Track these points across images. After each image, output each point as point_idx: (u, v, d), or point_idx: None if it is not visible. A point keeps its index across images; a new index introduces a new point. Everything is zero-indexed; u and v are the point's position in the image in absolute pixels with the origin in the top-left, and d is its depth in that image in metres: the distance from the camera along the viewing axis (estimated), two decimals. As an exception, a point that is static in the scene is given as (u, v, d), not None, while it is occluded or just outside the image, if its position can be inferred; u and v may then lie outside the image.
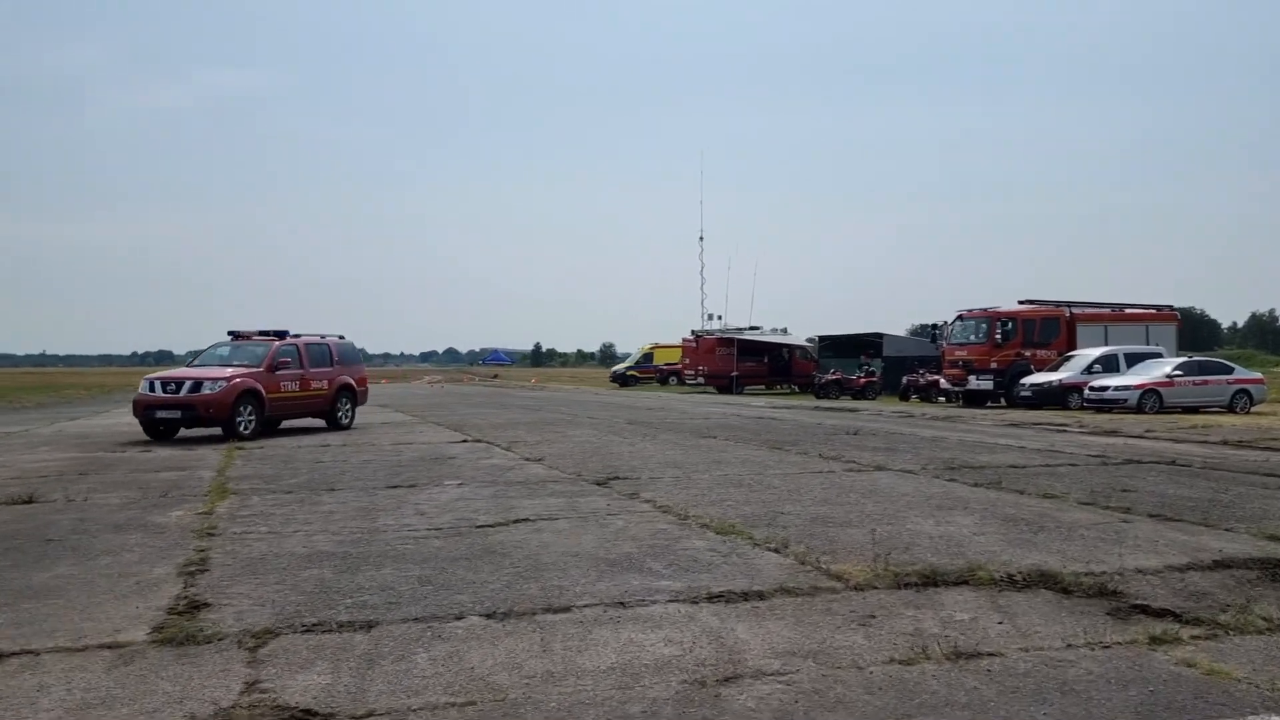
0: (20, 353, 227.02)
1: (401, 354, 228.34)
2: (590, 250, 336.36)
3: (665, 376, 58.25)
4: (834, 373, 40.97)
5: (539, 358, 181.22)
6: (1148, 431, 19.11)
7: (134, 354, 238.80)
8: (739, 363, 49.43)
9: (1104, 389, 26.69)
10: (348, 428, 20.47)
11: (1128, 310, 33.94)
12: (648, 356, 62.42)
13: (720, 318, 52.49)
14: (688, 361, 51.38)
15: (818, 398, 39.30)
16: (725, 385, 48.71)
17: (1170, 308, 34.92)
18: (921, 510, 9.09)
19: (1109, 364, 29.15)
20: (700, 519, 8.55)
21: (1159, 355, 29.67)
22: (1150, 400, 26.12)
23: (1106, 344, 31.44)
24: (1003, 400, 32.00)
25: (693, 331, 51.88)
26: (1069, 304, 32.86)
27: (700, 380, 49.95)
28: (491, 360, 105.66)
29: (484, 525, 8.20)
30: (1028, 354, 31.46)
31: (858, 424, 22.04)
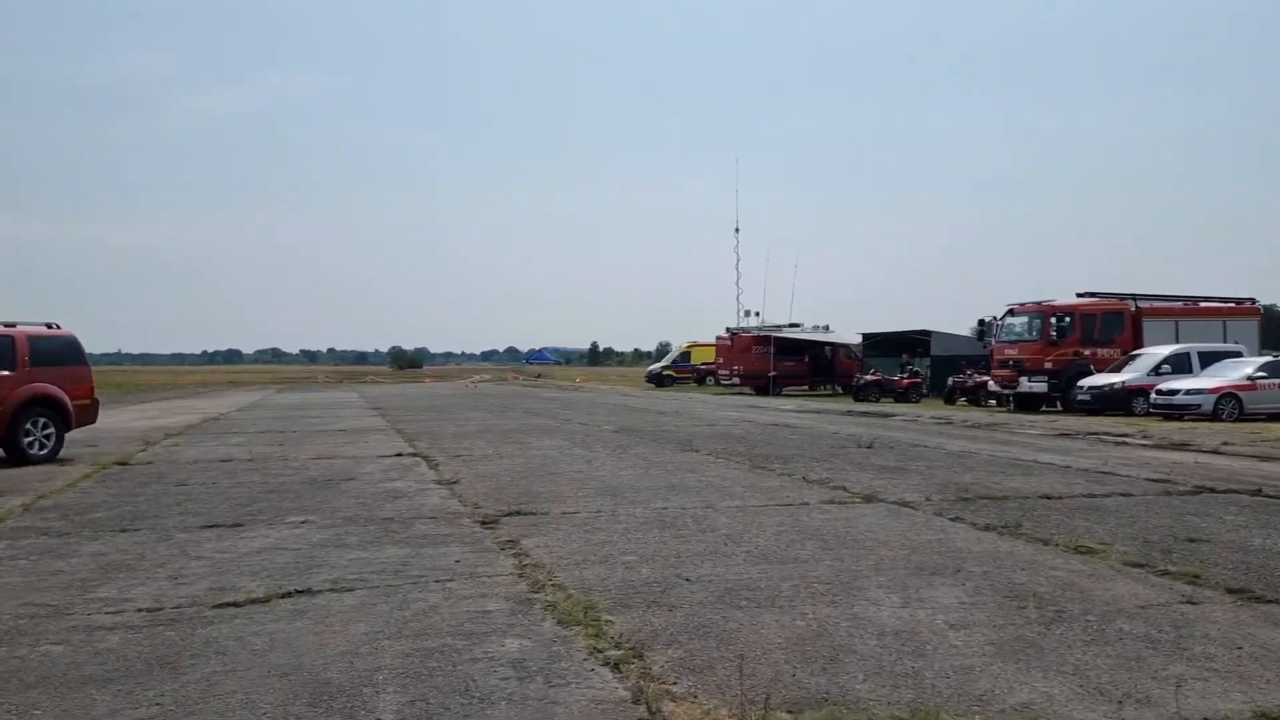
0: (96, 351, 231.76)
1: (463, 353, 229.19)
2: (648, 249, 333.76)
3: (702, 377, 55.44)
4: (874, 373, 37.87)
5: (596, 357, 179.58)
6: (1225, 445, 15.95)
7: (204, 352, 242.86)
8: (777, 362, 46.43)
9: (1173, 393, 23.36)
10: (44, 460, 13.98)
11: (1202, 304, 30.35)
12: (684, 356, 59.70)
13: (758, 314, 49.62)
14: (722, 361, 48.55)
15: (856, 400, 36.25)
16: (762, 386, 45.80)
17: (1252, 301, 31.26)
18: (892, 574, 6.35)
19: (1180, 364, 25.75)
20: (560, 590, 5.93)
21: (1239, 354, 26.13)
22: (1228, 406, 22.73)
23: (1177, 341, 28.00)
24: (1058, 404, 28.73)
25: (727, 329, 49.01)
26: (1134, 296, 29.41)
27: (735, 381, 47.10)
28: (536, 360, 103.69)
29: (229, 603, 5.66)
30: (1087, 353, 28.13)
31: (882, 432, 19.15)
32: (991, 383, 30.16)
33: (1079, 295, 29.30)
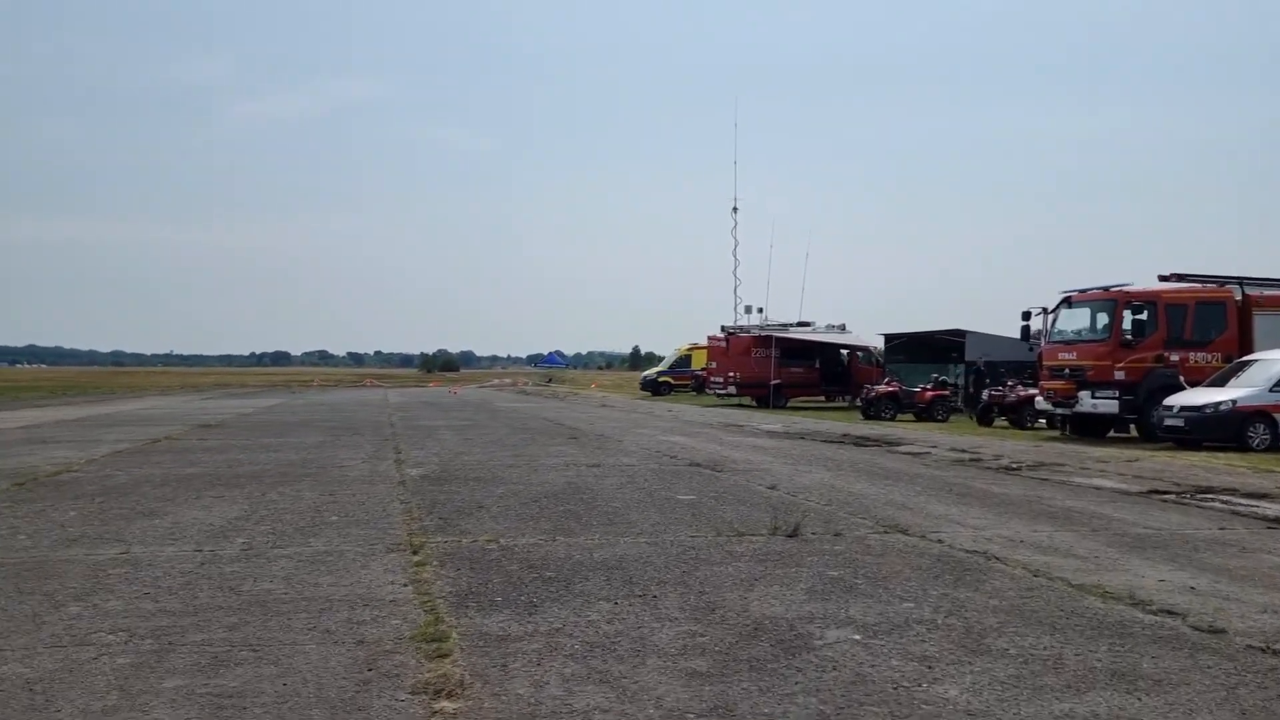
0: (148, 351, 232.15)
1: (509, 356, 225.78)
2: (693, 252, 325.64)
3: (702, 383, 47.75)
4: (889, 383, 29.97)
5: (636, 361, 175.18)
6: None
7: (252, 354, 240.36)
8: (782, 367, 38.54)
9: (1324, 420, 15.30)
10: None
11: (1336, 291, 22.13)
12: (684, 360, 52.03)
13: (760, 310, 41.73)
14: (715, 366, 40.78)
15: (865, 417, 28.45)
16: (764, 396, 38.04)
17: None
18: None
19: (1317, 375, 17.71)
20: None
21: (1403, 361, 18.06)
22: None
23: (1302, 343, 19.95)
24: (1133, 428, 20.78)
25: (723, 328, 41.23)
26: (1240, 280, 21.31)
27: (731, 390, 39.28)
28: (547, 363, 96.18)
29: None
30: (1174, 358, 20.15)
31: (854, 485, 11.56)
32: (1040, 398, 22.24)
33: (1162, 279, 21.26)
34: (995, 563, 7.07)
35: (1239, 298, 20.92)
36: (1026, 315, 22.70)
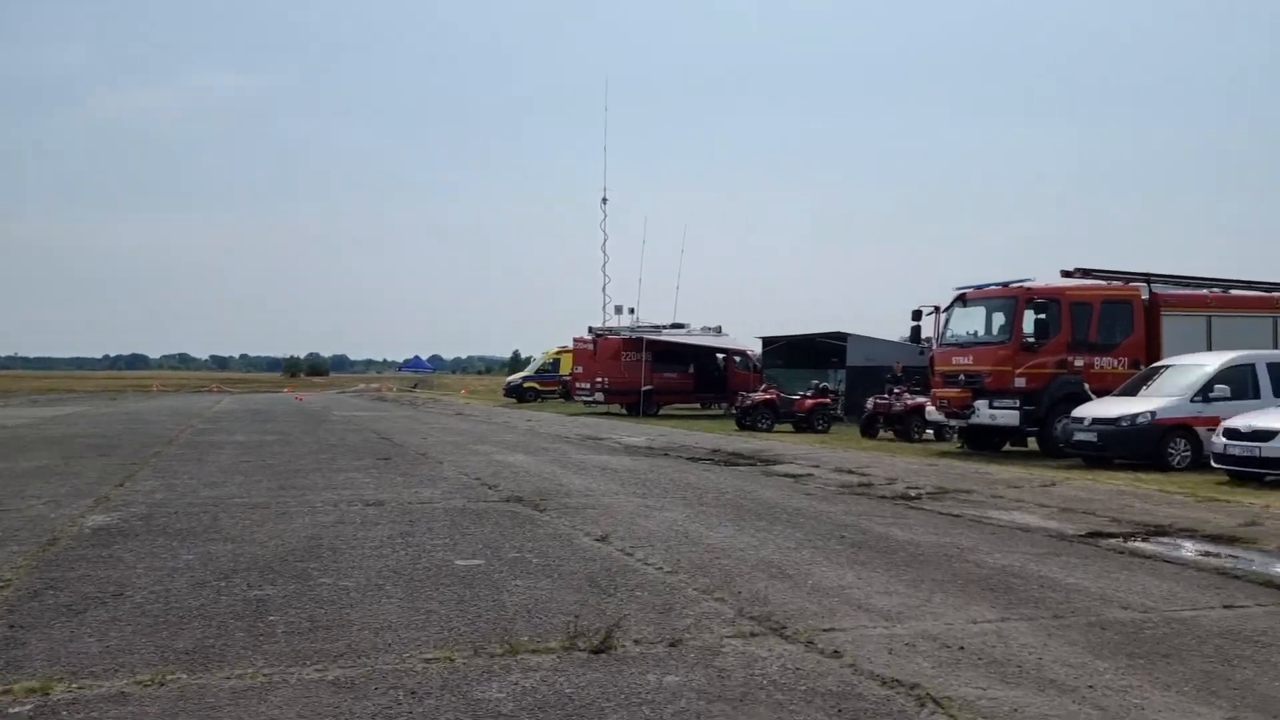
0: None
1: (384, 360, 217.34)
2: (571, 252, 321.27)
3: (570, 389, 44.55)
4: (766, 389, 27.28)
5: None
6: None
7: (105, 356, 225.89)
8: (654, 373, 35.68)
9: (1268, 435, 12.92)
10: None
11: (1250, 293, 20.33)
12: (553, 364, 48.73)
13: (631, 311, 38.76)
14: (581, 371, 37.65)
15: (740, 428, 25.72)
16: (635, 403, 35.09)
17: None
18: None
19: (1240, 383, 15.60)
20: None
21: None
22: (1362, 460, 12.55)
23: (1210, 346, 18.06)
24: (1033, 441, 18.54)
25: (590, 329, 38.09)
26: (1147, 277, 19.28)
27: (599, 397, 36.19)
28: (410, 368, 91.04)
29: None
30: (1078, 362, 17.94)
31: (714, 530, 8.51)
32: (931, 407, 19.81)
33: (1065, 274, 19.07)
34: (934, 713, 4.05)
35: (1147, 297, 18.88)
36: (917, 315, 20.25)
